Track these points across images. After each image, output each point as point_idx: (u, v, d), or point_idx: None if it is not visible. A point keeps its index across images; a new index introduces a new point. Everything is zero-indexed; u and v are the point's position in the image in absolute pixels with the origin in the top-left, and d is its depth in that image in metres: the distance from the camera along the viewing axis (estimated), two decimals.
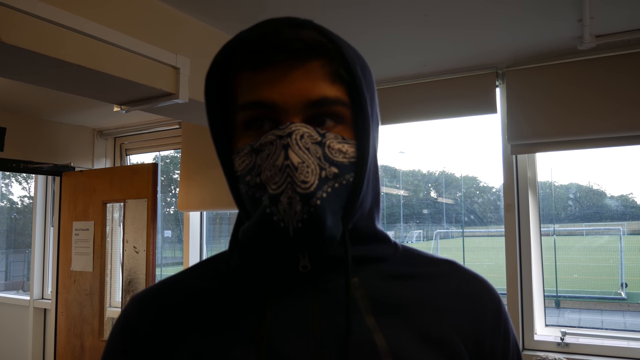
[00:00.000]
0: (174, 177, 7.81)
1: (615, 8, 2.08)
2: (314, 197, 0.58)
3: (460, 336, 0.66)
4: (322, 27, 0.64)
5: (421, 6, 2.07)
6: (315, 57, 0.62)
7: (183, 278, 0.74)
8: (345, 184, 0.62)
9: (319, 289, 0.65)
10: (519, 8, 2.08)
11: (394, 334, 0.63)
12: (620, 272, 9.48)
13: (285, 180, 0.58)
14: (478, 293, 0.72)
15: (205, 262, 0.76)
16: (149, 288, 0.75)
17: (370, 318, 0.64)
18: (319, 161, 0.60)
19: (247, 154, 0.62)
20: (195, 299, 0.69)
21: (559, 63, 2.63)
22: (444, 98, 2.91)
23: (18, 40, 1.53)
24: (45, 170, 3.87)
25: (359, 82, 0.63)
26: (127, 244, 3.38)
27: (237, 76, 0.64)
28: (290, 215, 0.58)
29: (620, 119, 2.47)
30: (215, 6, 2.08)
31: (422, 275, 0.71)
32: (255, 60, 0.62)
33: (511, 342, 0.72)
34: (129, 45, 1.84)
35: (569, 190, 9.24)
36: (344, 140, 0.63)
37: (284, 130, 0.60)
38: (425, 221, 14.58)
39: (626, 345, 2.58)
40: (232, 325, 0.64)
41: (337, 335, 0.62)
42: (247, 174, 0.62)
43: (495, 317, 0.71)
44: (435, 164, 16.04)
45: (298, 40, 0.62)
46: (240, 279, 0.68)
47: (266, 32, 0.63)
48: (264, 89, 0.61)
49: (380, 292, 0.67)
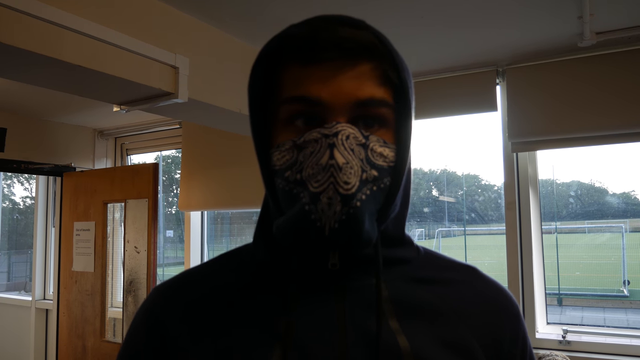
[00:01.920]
0: (175, 177, 7.81)
1: (615, 5, 2.07)
2: (354, 198, 0.58)
3: (480, 342, 0.66)
4: (375, 28, 0.64)
5: (420, 5, 2.06)
6: (366, 59, 0.62)
7: (207, 271, 0.73)
8: (383, 188, 0.62)
9: (346, 288, 0.65)
10: (519, 5, 2.08)
11: (416, 336, 0.63)
12: (623, 270, 9.47)
13: (327, 179, 0.58)
14: (498, 301, 0.72)
15: (229, 254, 0.76)
16: (173, 279, 0.74)
17: (393, 320, 0.64)
18: (361, 163, 0.60)
19: (288, 150, 0.62)
20: (220, 293, 0.68)
21: (560, 60, 2.62)
22: (445, 96, 2.91)
23: (18, 41, 1.53)
24: (46, 171, 3.87)
25: (406, 88, 0.64)
26: (128, 244, 3.39)
27: (283, 70, 0.64)
28: (328, 215, 0.58)
29: (622, 116, 2.47)
30: (215, 5, 2.08)
31: (444, 280, 0.71)
32: (305, 55, 0.62)
33: (528, 351, 0.73)
34: (128, 45, 1.84)
35: (571, 188, 9.22)
36: (385, 144, 0.63)
37: (330, 129, 0.59)
38: (427, 220, 14.59)
39: (629, 342, 2.57)
40: (257, 321, 0.64)
41: (363, 336, 0.62)
42: (287, 169, 0.62)
43: (514, 325, 0.72)
44: (437, 162, 16.03)
45: (351, 40, 0.61)
46: (264, 273, 0.68)
47: (319, 27, 0.62)
48: (312, 84, 0.61)
49: (403, 294, 0.67)
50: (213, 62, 2.24)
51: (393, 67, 0.63)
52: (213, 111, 2.34)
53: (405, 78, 0.63)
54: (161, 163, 4.19)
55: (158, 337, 0.67)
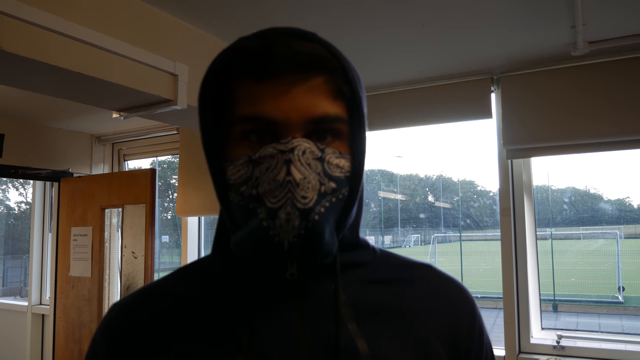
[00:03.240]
0: (171, 182, 7.82)
1: (607, 15, 2.11)
2: (312, 212, 0.59)
3: (438, 339, 0.68)
4: (326, 41, 0.64)
5: (419, 15, 2.09)
6: (319, 72, 0.62)
7: (166, 284, 0.73)
8: (341, 199, 0.63)
9: (304, 295, 0.66)
10: (513, 15, 2.11)
11: (375, 338, 0.64)
12: (617, 276, 9.51)
13: (285, 195, 0.58)
14: (454, 296, 0.74)
15: (187, 267, 0.75)
16: (131, 295, 0.73)
17: (352, 323, 0.65)
18: (319, 177, 0.60)
19: (243, 164, 0.62)
20: (179, 306, 0.68)
21: (553, 69, 2.66)
22: (440, 103, 2.94)
23: (18, 49, 1.55)
24: (44, 176, 3.88)
25: (359, 100, 0.64)
26: (125, 249, 3.39)
27: (236, 85, 0.63)
28: (287, 230, 0.58)
29: (615, 124, 2.50)
30: (214, 14, 2.10)
31: (400, 279, 0.72)
32: (257, 70, 0.61)
33: (485, 344, 0.74)
34: (127, 52, 1.86)
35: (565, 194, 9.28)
36: (341, 155, 0.63)
37: (286, 145, 0.59)
38: (423, 225, 14.58)
39: (623, 348, 2.59)
40: (219, 333, 0.64)
41: (323, 341, 0.63)
42: (242, 184, 0.62)
43: (470, 319, 0.73)
44: (433, 168, 16.09)
45: (304, 53, 0.61)
46: (224, 285, 0.68)
47: (270, 42, 0.62)
48: (265, 103, 0.60)
49: (361, 297, 0.68)
50: None
51: (345, 79, 0.63)
52: None
53: (357, 90, 0.64)
54: (157, 168, 4.20)
55: (120, 355, 0.67)
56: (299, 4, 2.01)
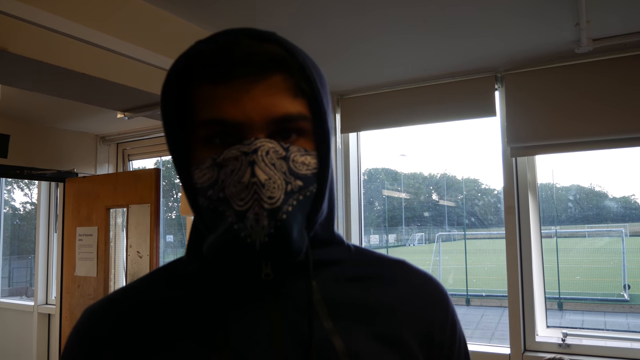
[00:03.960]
0: (175, 181, 7.84)
1: (611, 12, 2.11)
2: (280, 211, 0.59)
3: (413, 334, 0.68)
4: (283, 39, 0.64)
5: (421, 12, 2.09)
6: (277, 71, 0.62)
7: (140, 287, 0.72)
8: (309, 196, 0.63)
9: (279, 294, 0.66)
10: (516, 13, 2.11)
11: (351, 335, 0.64)
12: (623, 274, 9.48)
13: (252, 197, 0.58)
14: (428, 292, 0.74)
15: (162, 269, 0.75)
16: (105, 299, 0.72)
17: (327, 321, 0.65)
18: (284, 176, 0.60)
19: (208, 168, 0.62)
20: (154, 309, 0.68)
21: (557, 66, 2.65)
22: (444, 101, 2.94)
23: (25, 50, 1.56)
24: (49, 177, 3.90)
25: (319, 97, 0.64)
26: (130, 248, 3.41)
27: (195, 89, 0.63)
28: (257, 230, 0.58)
29: (619, 121, 2.49)
30: (218, 14, 2.11)
31: (375, 276, 0.73)
32: (215, 73, 0.61)
33: (458, 336, 0.75)
34: (132, 53, 1.87)
35: (570, 192, 9.25)
36: (306, 153, 0.63)
37: (249, 146, 0.59)
38: (427, 224, 14.58)
39: (629, 346, 2.59)
40: (194, 335, 0.64)
41: (298, 339, 0.63)
42: (208, 187, 0.62)
43: (443, 314, 0.73)
44: (437, 166, 16.07)
45: (260, 54, 0.61)
46: (199, 286, 0.68)
47: (226, 44, 0.62)
48: (225, 105, 0.60)
49: (336, 295, 0.68)
50: None
51: (304, 77, 0.63)
52: None
53: (317, 88, 0.64)
54: (161, 168, 4.21)
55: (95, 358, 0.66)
56: (301, 3, 2.01)
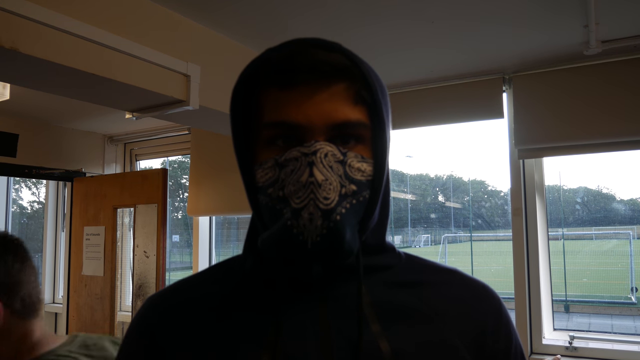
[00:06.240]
0: (182, 181, 7.87)
1: (620, 14, 2.10)
2: (334, 212, 0.61)
3: (463, 341, 0.68)
4: (348, 50, 0.67)
5: (429, 13, 2.09)
6: (340, 80, 0.65)
7: (197, 281, 0.76)
8: (362, 201, 0.65)
9: (328, 296, 0.68)
10: (525, 14, 2.10)
11: (398, 339, 0.65)
12: (631, 277, 9.42)
13: (308, 195, 0.61)
14: (479, 298, 0.74)
15: (219, 265, 0.79)
16: (165, 290, 0.77)
17: (375, 325, 0.66)
18: (340, 179, 0.63)
19: (270, 167, 0.65)
20: (209, 303, 0.71)
21: (566, 68, 2.64)
22: (452, 103, 2.93)
23: (34, 50, 1.57)
24: (57, 176, 3.92)
25: (379, 106, 0.67)
26: (137, 248, 3.42)
27: (263, 93, 0.67)
28: (310, 229, 0.60)
29: (628, 123, 2.48)
30: (226, 15, 2.11)
31: (426, 282, 0.73)
32: (282, 79, 0.65)
33: (513, 346, 0.74)
34: (141, 53, 1.88)
35: (577, 194, 9.21)
36: (363, 160, 0.66)
37: (309, 148, 0.63)
38: (433, 225, 14.52)
39: (637, 349, 2.57)
40: (244, 329, 0.67)
41: (347, 342, 0.64)
42: (269, 186, 0.65)
43: (496, 319, 0.73)
44: (443, 168, 16.00)
45: (326, 63, 0.64)
46: (251, 283, 0.71)
47: (294, 52, 0.66)
48: (290, 109, 0.64)
49: (385, 299, 0.69)
50: (224, 70, 2.28)
51: (366, 87, 0.66)
52: (223, 118, 2.38)
53: (377, 98, 0.66)
54: (168, 168, 4.24)
55: (152, 350, 0.70)
56: (310, 4, 2.01)
